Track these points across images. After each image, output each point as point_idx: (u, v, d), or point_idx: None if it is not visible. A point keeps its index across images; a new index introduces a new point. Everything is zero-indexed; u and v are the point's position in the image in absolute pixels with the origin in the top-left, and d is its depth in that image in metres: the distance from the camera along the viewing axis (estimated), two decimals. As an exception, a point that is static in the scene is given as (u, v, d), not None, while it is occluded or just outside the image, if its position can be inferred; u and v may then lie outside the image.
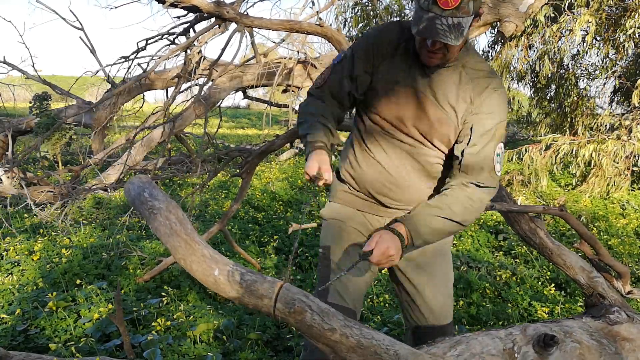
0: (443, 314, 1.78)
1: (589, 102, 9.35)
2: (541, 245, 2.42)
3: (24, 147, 6.76)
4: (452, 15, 1.39)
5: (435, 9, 1.40)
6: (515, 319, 3.14)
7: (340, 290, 1.70)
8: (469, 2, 1.40)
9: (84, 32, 5.04)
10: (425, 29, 1.42)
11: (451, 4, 1.39)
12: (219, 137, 11.38)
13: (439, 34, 1.41)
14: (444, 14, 1.40)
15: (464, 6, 1.39)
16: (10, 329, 2.65)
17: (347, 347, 1.07)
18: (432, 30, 1.41)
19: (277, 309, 1.06)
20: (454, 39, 1.41)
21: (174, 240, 1.07)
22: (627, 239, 5.06)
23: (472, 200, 1.56)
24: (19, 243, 4.04)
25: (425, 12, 1.42)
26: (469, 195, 1.56)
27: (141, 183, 1.19)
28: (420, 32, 1.44)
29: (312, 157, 1.53)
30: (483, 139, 1.56)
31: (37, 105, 6.36)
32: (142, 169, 5.65)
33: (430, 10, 1.41)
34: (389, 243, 1.49)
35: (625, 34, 7.66)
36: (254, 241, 4.45)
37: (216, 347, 2.60)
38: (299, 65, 5.23)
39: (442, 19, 1.40)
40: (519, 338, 1.30)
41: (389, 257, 1.49)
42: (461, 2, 1.39)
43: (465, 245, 4.65)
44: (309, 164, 1.52)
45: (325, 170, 1.50)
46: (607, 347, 1.38)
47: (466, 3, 1.40)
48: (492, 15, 4.26)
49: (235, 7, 3.01)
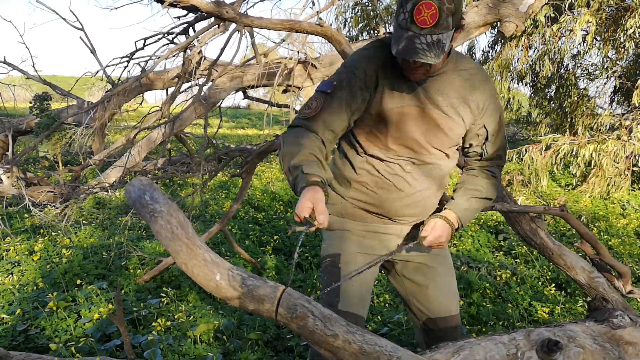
0: (448, 310, 1.80)
1: (589, 102, 9.35)
2: (542, 246, 2.42)
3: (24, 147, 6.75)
4: (431, 33, 1.37)
5: (414, 27, 1.38)
6: (515, 319, 3.13)
7: (350, 294, 1.70)
8: (447, 17, 1.37)
9: (84, 32, 5.03)
10: (405, 49, 1.40)
11: (429, 22, 1.36)
12: (219, 137, 11.37)
13: (419, 54, 1.39)
14: (422, 32, 1.37)
15: (442, 22, 1.37)
16: (10, 329, 2.65)
17: (350, 353, 1.07)
18: (411, 50, 1.39)
19: (279, 314, 1.05)
20: (434, 57, 1.39)
21: (175, 244, 1.06)
22: (628, 239, 5.06)
23: (495, 177, 1.76)
24: (19, 243, 4.04)
25: (404, 31, 1.40)
26: (492, 173, 1.75)
27: (142, 185, 1.19)
28: (399, 53, 1.42)
29: (306, 196, 1.32)
30: (496, 131, 1.70)
31: (38, 105, 6.35)
32: (143, 169, 5.65)
33: (408, 28, 1.39)
34: (442, 230, 1.65)
35: (626, 34, 7.66)
36: (254, 241, 4.44)
37: (216, 347, 2.59)
38: (299, 66, 5.22)
39: (421, 38, 1.38)
40: (523, 343, 1.29)
41: (440, 243, 1.67)
42: (439, 19, 1.36)
43: (465, 245, 4.64)
44: (301, 203, 1.31)
45: (320, 212, 1.31)
46: (610, 352, 1.37)
47: (444, 19, 1.37)
48: (492, 15, 4.26)
49: (235, 7, 3.00)
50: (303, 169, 1.39)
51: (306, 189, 1.34)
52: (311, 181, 1.35)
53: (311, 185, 1.34)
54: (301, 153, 1.43)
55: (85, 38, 5.11)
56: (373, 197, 1.69)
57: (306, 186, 1.34)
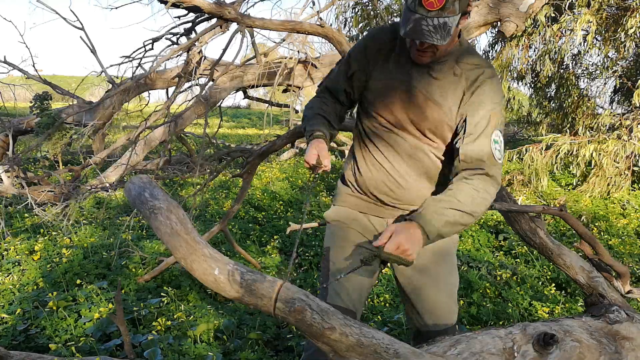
0: (445, 317, 1.76)
1: (590, 102, 9.34)
2: (541, 245, 2.42)
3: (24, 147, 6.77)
4: (438, 16, 1.43)
5: (421, 10, 1.44)
6: (515, 318, 3.14)
7: (340, 291, 1.71)
8: (454, 2, 1.43)
9: (84, 32, 5.04)
10: (412, 30, 1.46)
11: (436, 5, 1.42)
12: (219, 137, 11.38)
13: (425, 35, 1.45)
14: (429, 15, 1.43)
15: (449, 6, 1.43)
16: (10, 329, 2.66)
17: (347, 346, 1.07)
18: (418, 32, 1.45)
19: (277, 308, 1.06)
20: (440, 39, 1.45)
21: (175, 240, 1.07)
22: (628, 239, 5.06)
23: (477, 190, 1.52)
24: (20, 243, 4.05)
25: (412, 13, 1.46)
26: (473, 186, 1.52)
27: (142, 183, 1.20)
28: (407, 34, 1.48)
29: (312, 146, 1.61)
30: (478, 128, 1.55)
31: (38, 105, 6.35)
32: (143, 168, 5.65)
33: (416, 11, 1.45)
34: (403, 236, 1.43)
35: (626, 34, 7.66)
36: (254, 241, 4.45)
37: (216, 346, 2.60)
38: (299, 65, 5.23)
39: (428, 20, 1.43)
40: (519, 337, 1.30)
41: (404, 251, 1.43)
42: (446, 3, 1.42)
43: (465, 245, 4.64)
44: (309, 152, 1.59)
45: (324, 157, 1.59)
46: (606, 346, 1.38)
47: (451, 3, 1.43)
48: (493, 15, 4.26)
49: (236, 8, 3.01)
50: (307, 127, 1.71)
51: (311, 141, 1.63)
52: (315, 135, 1.65)
53: (315, 139, 1.63)
54: (309, 115, 1.77)
55: (86, 38, 5.12)
56: (361, 173, 1.76)
57: (311, 140, 1.63)
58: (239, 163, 3.50)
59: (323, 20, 2.94)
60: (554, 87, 9.95)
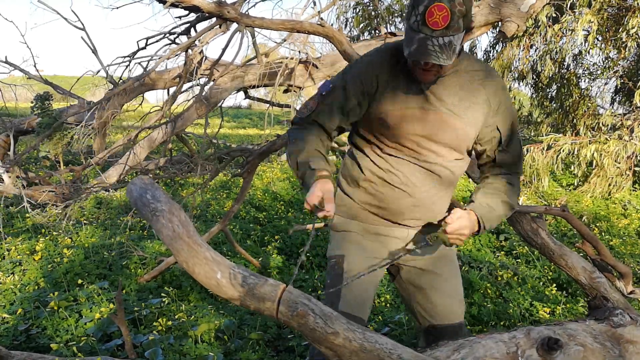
0: (452, 315, 1.77)
1: (591, 102, 9.33)
2: (543, 246, 2.41)
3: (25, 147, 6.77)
4: (443, 35, 1.39)
5: (426, 29, 1.39)
6: (516, 319, 3.13)
7: (347, 299, 1.69)
8: (458, 20, 1.39)
9: (85, 32, 5.03)
10: (417, 50, 1.42)
11: (441, 24, 1.38)
12: (220, 137, 11.37)
13: (431, 56, 1.40)
14: (434, 35, 1.39)
15: (453, 25, 1.38)
16: (11, 329, 2.65)
17: (350, 350, 1.07)
18: (423, 52, 1.41)
19: (280, 312, 1.05)
20: (446, 59, 1.41)
21: (177, 243, 1.06)
22: (629, 239, 5.06)
23: (513, 185, 1.66)
24: (21, 243, 4.05)
25: (416, 33, 1.41)
26: (509, 181, 1.66)
27: (143, 184, 1.19)
28: (412, 55, 1.44)
29: (317, 186, 1.46)
30: (510, 136, 1.64)
31: (39, 105, 6.35)
32: (143, 168, 5.65)
33: (420, 31, 1.40)
34: (467, 223, 1.54)
35: (628, 34, 7.64)
36: (255, 241, 4.45)
37: (217, 347, 2.60)
38: (300, 65, 5.22)
39: (433, 40, 1.39)
40: (523, 341, 1.29)
41: (460, 236, 1.54)
42: (451, 21, 1.38)
43: (466, 245, 4.64)
44: (313, 192, 1.45)
45: (328, 201, 1.45)
46: (610, 350, 1.37)
47: (456, 21, 1.38)
48: (494, 15, 4.25)
49: (236, 7, 3.00)
50: (311, 164, 1.53)
51: (317, 181, 1.48)
52: (321, 175, 1.50)
53: (321, 179, 1.49)
54: (306, 149, 1.58)
55: (87, 38, 5.11)
56: (379, 197, 1.69)
57: (317, 179, 1.48)
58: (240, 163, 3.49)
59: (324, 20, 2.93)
60: (555, 87, 9.94)
